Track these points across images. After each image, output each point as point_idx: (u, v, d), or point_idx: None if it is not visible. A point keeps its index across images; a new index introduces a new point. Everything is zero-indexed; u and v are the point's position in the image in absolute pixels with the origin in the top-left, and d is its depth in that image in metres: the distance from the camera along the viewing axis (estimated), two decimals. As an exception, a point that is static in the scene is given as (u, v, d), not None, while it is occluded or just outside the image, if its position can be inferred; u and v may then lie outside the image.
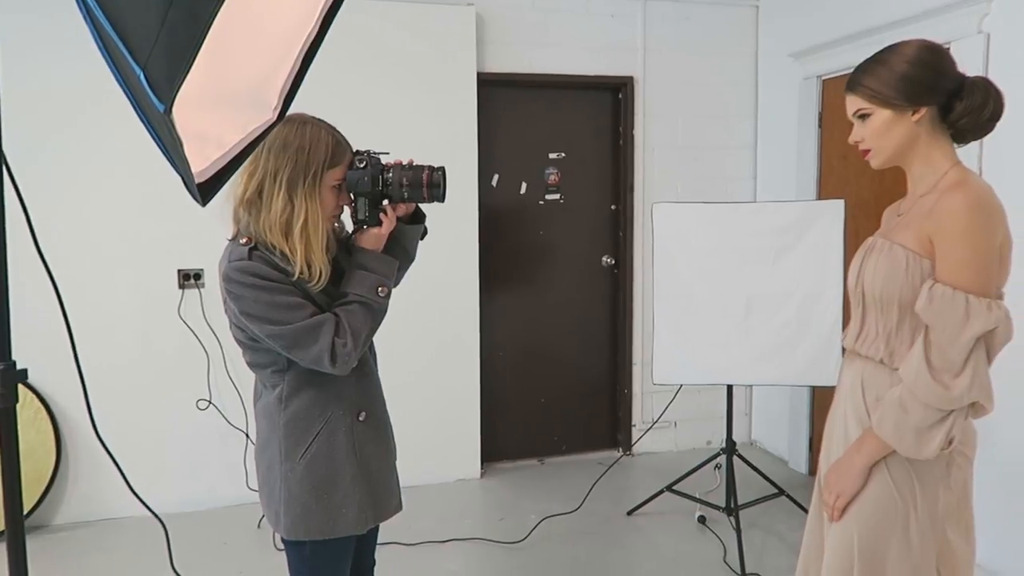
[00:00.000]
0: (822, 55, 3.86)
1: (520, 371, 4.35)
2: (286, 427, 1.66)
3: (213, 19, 0.71)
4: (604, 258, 4.42)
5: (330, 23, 1.24)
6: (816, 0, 3.92)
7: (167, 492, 3.57)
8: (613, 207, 4.41)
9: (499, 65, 4.04)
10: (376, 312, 1.67)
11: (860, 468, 1.58)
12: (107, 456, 1.55)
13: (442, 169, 1.70)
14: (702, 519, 3.53)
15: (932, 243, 1.49)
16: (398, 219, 1.74)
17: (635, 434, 4.48)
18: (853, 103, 1.61)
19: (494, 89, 4.08)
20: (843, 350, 1.84)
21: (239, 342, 1.67)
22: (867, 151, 1.62)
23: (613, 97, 4.35)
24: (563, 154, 4.30)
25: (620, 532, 3.48)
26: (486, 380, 4.14)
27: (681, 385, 3.37)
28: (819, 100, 3.95)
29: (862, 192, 3.62)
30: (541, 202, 4.30)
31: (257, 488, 1.76)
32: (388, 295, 1.68)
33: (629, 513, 3.64)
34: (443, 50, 3.88)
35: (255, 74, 1.12)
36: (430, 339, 3.98)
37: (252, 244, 1.57)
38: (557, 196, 4.31)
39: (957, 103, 1.54)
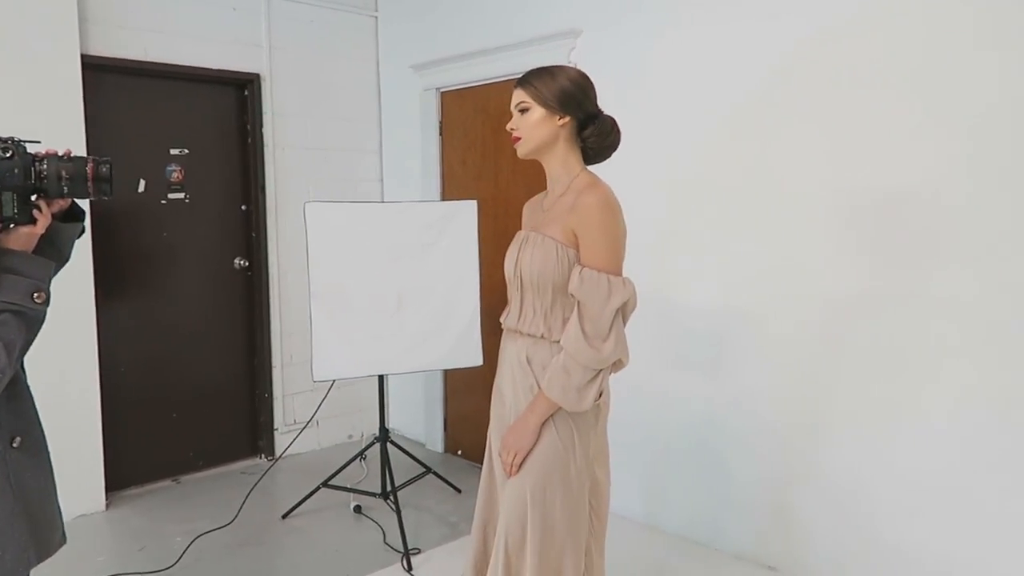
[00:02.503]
0: (439, 70, 4.24)
1: (147, 386, 3.97)
2: None
3: None
4: (236, 260, 4.25)
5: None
6: (432, 20, 4.28)
7: None
8: (244, 207, 4.27)
9: (109, 49, 3.64)
10: (31, 321, 1.46)
11: (534, 427, 1.85)
12: None
13: (108, 161, 1.55)
14: (358, 508, 3.65)
15: (575, 235, 1.82)
16: (52, 216, 1.54)
17: (278, 438, 4.41)
18: (519, 96, 1.90)
19: (104, 76, 3.66)
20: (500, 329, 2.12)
21: None
22: (518, 139, 1.91)
23: (239, 93, 4.21)
24: (186, 150, 4.03)
25: (278, 536, 3.42)
26: (108, 401, 3.69)
27: (334, 381, 3.43)
28: (439, 110, 4.33)
29: (479, 192, 4.06)
30: (163, 201, 3.97)
31: None
32: (46, 301, 1.48)
33: (284, 516, 3.59)
34: (38, 26, 3.36)
35: None
36: (38, 360, 3.41)
37: None
38: (181, 195, 4.03)
39: (591, 125, 1.90)
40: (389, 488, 3.45)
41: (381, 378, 3.49)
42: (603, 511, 2.02)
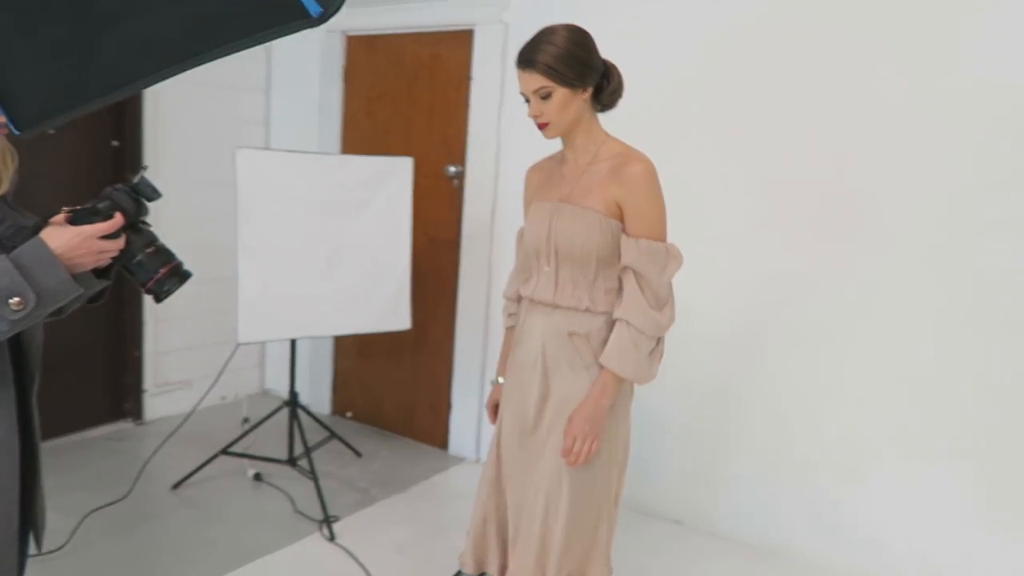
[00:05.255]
0: (346, 12, 3.94)
1: (-3, 342, 3.45)
2: None
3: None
4: (105, 202, 3.77)
5: None
6: (338, -46, 3.98)
7: None
8: (116, 143, 3.78)
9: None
10: None
11: (607, 409, 1.80)
12: None
13: (185, 276, 1.41)
14: (258, 476, 3.44)
15: (619, 206, 1.79)
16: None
17: (147, 400, 4.02)
18: (535, 81, 1.77)
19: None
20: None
21: None
22: (545, 124, 1.83)
23: (114, 12, 3.69)
24: (50, 72, 3.48)
25: (174, 510, 3.15)
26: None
27: (238, 344, 3.18)
28: (344, 55, 4.06)
29: (388, 148, 3.89)
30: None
31: None
32: (23, 314, 1.17)
33: (175, 487, 3.31)
34: None
35: None
36: None
37: None
38: (43, 124, 3.49)
39: (606, 83, 1.86)
40: (304, 451, 3.27)
41: (293, 341, 3.29)
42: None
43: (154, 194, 1.39)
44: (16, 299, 1.15)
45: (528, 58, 1.78)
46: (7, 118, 0.78)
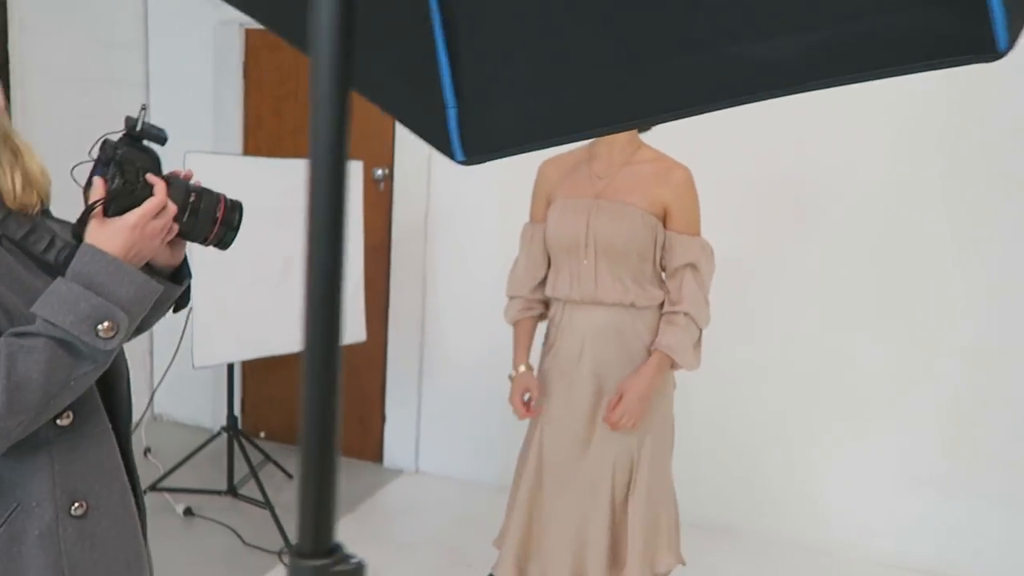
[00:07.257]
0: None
1: None
2: None
3: None
4: (-32, 214, 3.25)
5: None
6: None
7: None
8: (-21, 145, 3.26)
9: None
10: (80, 359, 0.96)
11: (654, 388, 1.89)
12: None
13: (241, 206, 1.19)
14: (188, 511, 3.13)
15: (664, 206, 1.89)
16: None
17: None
18: None
19: None
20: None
21: None
22: None
23: (-26, -7, 3.17)
24: (-101, 62, 2.94)
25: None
26: None
27: (195, 368, 2.87)
28: (242, 49, 3.77)
29: (299, 150, 3.67)
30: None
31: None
32: (118, 337, 0.97)
33: (96, 534, 2.94)
34: None
35: None
36: None
37: None
38: None
39: None
40: (255, 480, 3.04)
41: (231, 365, 3.03)
42: None
43: (162, 134, 1.15)
44: (105, 323, 0.95)
45: None
46: (456, 145, 0.71)
